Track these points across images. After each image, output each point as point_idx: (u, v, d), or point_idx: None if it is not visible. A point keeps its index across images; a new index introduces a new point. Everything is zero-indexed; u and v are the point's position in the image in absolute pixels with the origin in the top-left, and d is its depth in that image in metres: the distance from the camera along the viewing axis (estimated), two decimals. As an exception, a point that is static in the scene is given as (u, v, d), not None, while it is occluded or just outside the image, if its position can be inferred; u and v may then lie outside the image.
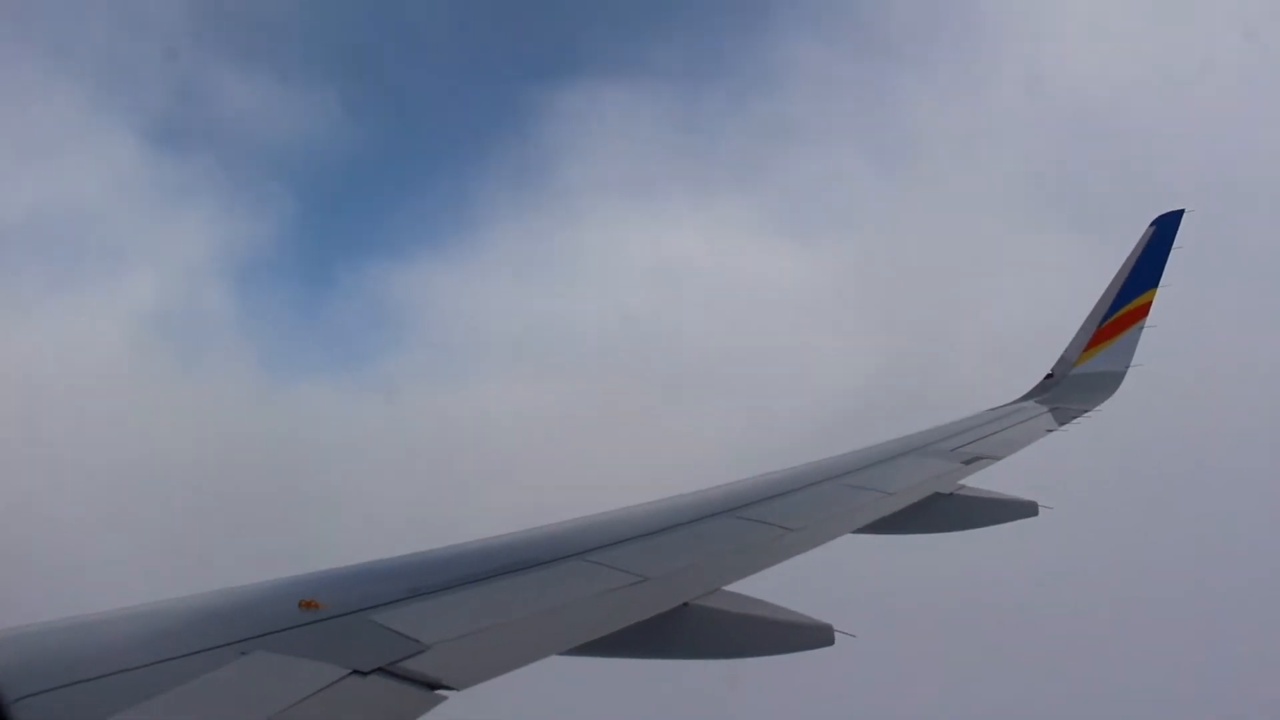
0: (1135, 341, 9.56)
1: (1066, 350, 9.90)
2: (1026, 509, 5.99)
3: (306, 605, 3.40)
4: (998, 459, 7.00)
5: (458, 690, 2.98)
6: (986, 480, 6.41)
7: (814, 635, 3.92)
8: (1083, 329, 9.88)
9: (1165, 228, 9.73)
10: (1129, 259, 9.79)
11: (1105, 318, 9.71)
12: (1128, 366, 9.47)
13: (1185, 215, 9.78)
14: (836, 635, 3.92)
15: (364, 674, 2.96)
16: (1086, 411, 8.76)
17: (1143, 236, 9.84)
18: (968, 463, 6.74)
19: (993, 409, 9.04)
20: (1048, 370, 9.87)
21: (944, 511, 5.87)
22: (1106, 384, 9.32)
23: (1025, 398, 9.44)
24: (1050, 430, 8.18)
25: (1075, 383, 9.48)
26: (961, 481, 6.29)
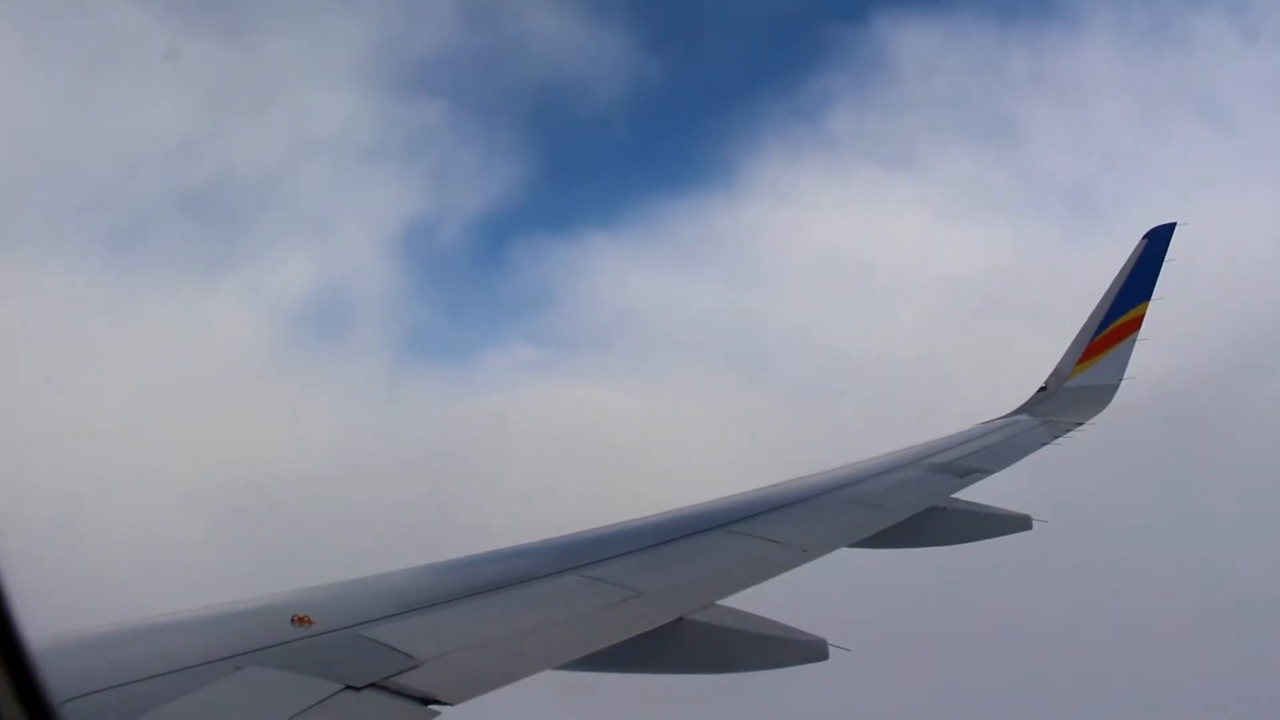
0: (1128, 354, 9.60)
1: (1060, 363, 9.93)
2: (1020, 523, 6.01)
3: (299, 621, 3.40)
4: (991, 472, 7.02)
5: (451, 705, 2.98)
6: (980, 494, 6.43)
7: (808, 650, 3.94)
8: (1075, 342, 9.93)
9: (1157, 241, 9.80)
10: (1121, 272, 9.85)
11: (1098, 331, 9.76)
12: (1121, 380, 9.51)
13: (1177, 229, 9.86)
14: (831, 650, 3.93)
15: (357, 689, 2.96)
16: (1080, 424, 8.79)
17: (1135, 249, 9.91)
18: (962, 476, 6.76)
19: (986, 422, 9.07)
20: (1041, 384, 9.91)
21: (939, 525, 5.89)
22: (1099, 397, 9.36)
23: (1018, 411, 9.48)
24: (1044, 444, 8.21)
25: (1068, 396, 9.52)
26: (955, 495, 6.31)
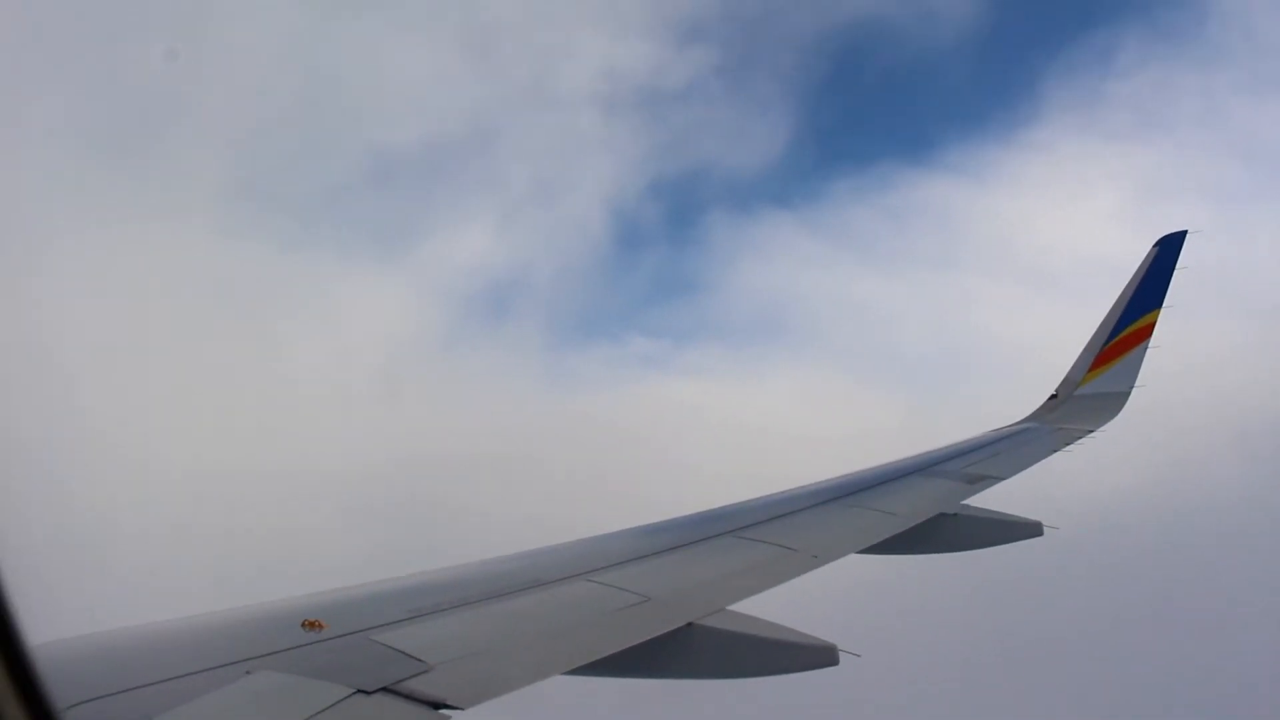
0: (1139, 362, 9.54)
1: (1070, 371, 9.88)
2: (1031, 529, 5.98)
3: (310, 625, 3.40)
4: (1002, 479, 6.99)
5: (462, 710, 2.97)
6: (991, 500, 6.39)
7: (818, 655, 3.91)
8: (1086, 349, 9.87)
9: (1169, 249, 9.74)
10: (1132, 280, 9.79)
11: (1109, 339, 9.71)
12: (1132, 387, 9.45)
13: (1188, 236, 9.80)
14: (841, 655, 3.90)
15: (368, 693, 2.95)
16: (1090, 432, 8.74)
17: (1146, 257, 9.85)
18: (972, 483, 6.73)
19: (997, 429, 9.03)
20: (1052, 391, 9.86)
21: (949, 532, 5.86)
22: (1110, 405, 9.30)
23: (1029, 419, 9.43)
24: (1054, 451, 8.17)
25: (1079, 403, 9.47)
26: (966, 502, 6.28)
